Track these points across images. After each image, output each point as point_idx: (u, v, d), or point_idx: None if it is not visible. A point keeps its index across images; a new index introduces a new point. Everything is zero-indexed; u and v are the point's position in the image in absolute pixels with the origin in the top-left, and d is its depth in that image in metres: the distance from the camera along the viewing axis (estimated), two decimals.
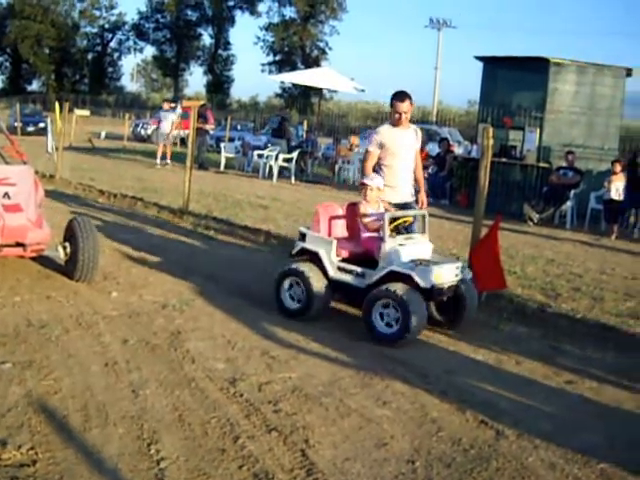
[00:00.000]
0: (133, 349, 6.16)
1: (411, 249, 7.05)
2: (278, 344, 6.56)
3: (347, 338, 6.87)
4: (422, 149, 8.79)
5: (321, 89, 28.47)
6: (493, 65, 17.38)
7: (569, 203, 15.20)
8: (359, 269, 7.07)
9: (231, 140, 28.84)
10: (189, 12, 71.68)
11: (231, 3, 67.74)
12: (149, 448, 4.44)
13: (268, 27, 61.66)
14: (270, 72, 57.79)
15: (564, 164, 15.74)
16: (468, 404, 5.44)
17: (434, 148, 19.39)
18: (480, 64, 17.71)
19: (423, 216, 7.55)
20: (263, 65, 62.73)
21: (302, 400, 5.32)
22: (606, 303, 8.41)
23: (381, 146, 7.71)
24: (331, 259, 7.26)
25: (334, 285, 7.26)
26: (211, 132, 26.46)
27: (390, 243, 6.95)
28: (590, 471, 4.58)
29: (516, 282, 9.00)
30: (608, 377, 6.32)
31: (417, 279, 6.64)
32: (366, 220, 7.34)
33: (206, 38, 73.36)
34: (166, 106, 24.68)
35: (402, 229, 7.29)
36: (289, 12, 61.08)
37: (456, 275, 7.03)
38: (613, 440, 5.05)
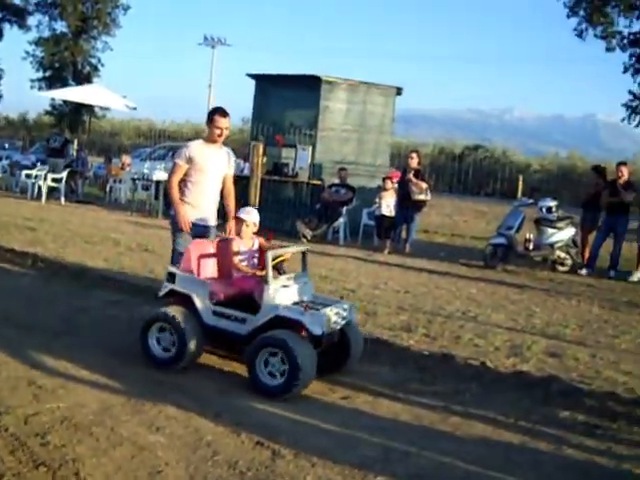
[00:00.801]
0: None
1: (294, 290, 6.43)
2: (45, 372, 6.15)
3: (118, 362, 6.52)
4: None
5: (92, 106, 27.40)
6: (265, 83, 17.44)
7: (342, 219, 15.42)
8: (239, 314, 6.33)
9: None
10: None
11: None
12: None
13: (38, 42, 58.92)
14: (40, 88, 55.14)
15: (336, 181, 15.93)
16: (243, 425, 5.31)
17: None
18: (253, 82, 17.65)
19: (303, 252, 6.97)
20: (32, 81, 59.75)
21: (71, 431, 4.97)
22: (379, 317, 8.49)
23: (190, 161, 7.33)
24: (205, 303, 6.47)
25: (209, 332, 6.46)
26: None
27: (274, 285, 6.27)
28: None
29: None
30: (384, 390, 6.36)
31: (308, 326, 6.01)
32: (239, 259, 6.71)
33: None
34: None
35: (281, 268, 6.64)
36: (60, 27, 58.57)
37: (344, 318, 6.44)
38: (389, 453, 5.08)
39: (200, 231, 7.38)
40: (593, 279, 12.98)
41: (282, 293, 6.28)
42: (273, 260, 6.33)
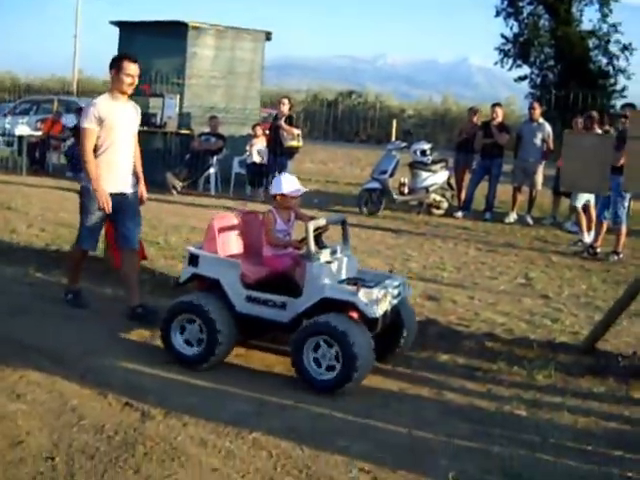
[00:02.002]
0: None
1: (339, 266, 5.66)
2: None
3: None
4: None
5: None
6: (129, 30, 16.72)
7: (212, 169, 15.10)
8: (278, 298, 5.50)
9: None
10: None
11: None
12: None
13: None
14: None
15: (206, 130, 15.43)
16: (110, 387, 5.08)
17: (72, 119, 18.23)
18: (117, 30, 16.93)
19: (343, 221, 6.19)
20: None
21: None
22: None
23: (99, 122, 6.38)
24: (237, 288, 5.62)
25: (243, 321, 5.63)
26: None
27: (317, 261, 5.46)
28: (242, 442, 4.39)
29: (159, 253, 8.67)
30: (257, 342, 6.14)
31: (363, 308, 5.20)
32: (276, 234, 5.86)
33: None
34: None
35: (321, 241, 5.78)
36: None
37: (398, 295, 5.69)
38: (264, 406, 4.94)
39: (117, 201, 6.53)
40: (469, 222, 13.12)
41: (327, 271, 5.48)
42: (314, 232, 5.57)
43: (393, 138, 20.40)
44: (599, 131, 11.58)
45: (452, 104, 39.88)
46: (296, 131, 14.51)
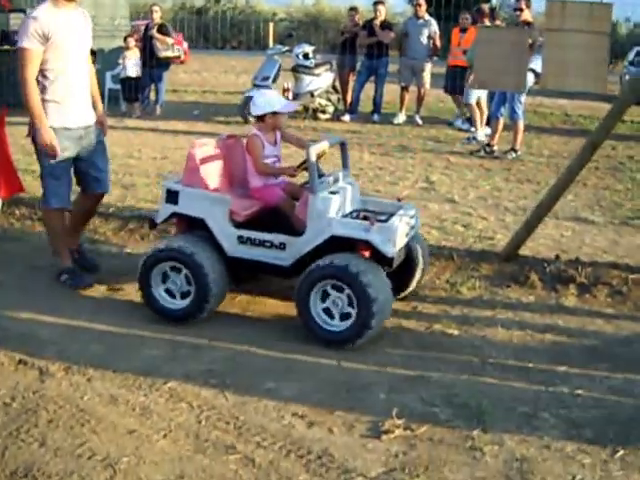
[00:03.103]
0: None
1: (344, 197, 4.82)
2: None
3: None
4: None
5: None
6: None
7: None
8: (277, 237, 4.68)
9: None
10: None
11: None
12: None
13: None
14: None
15: None
16: (1, 343, 4.37)
17: None
18: None
19: (342, 143, 5.31)
20: None
21: None
22: (139, 190, 7.71)
23: (44, 39, 4.95)
24: (226, 227, 4.77)
25: (236, 266, 4.81)
26: None
27: (323, 193, 4.65)
28: (158, 395, 3.88)
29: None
30: None
31: (379, 246, 4.44)
32: (266, 161, 5.00)
33: None
34: None
35: (319, 169, 4.84)
36: None
37: (412, 227, 4.94)
38: (175, 350, 4.43)
39: (80, 136, 5.25)
40: (357, 125, 12.65)
41: (333, 204, 4.65)
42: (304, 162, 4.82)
43: (271, 43, 19.53)
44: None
45: (325, 5, 39.04)
46: (170, 40, 13.53)
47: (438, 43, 12.91)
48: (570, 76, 5.55)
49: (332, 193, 4.69)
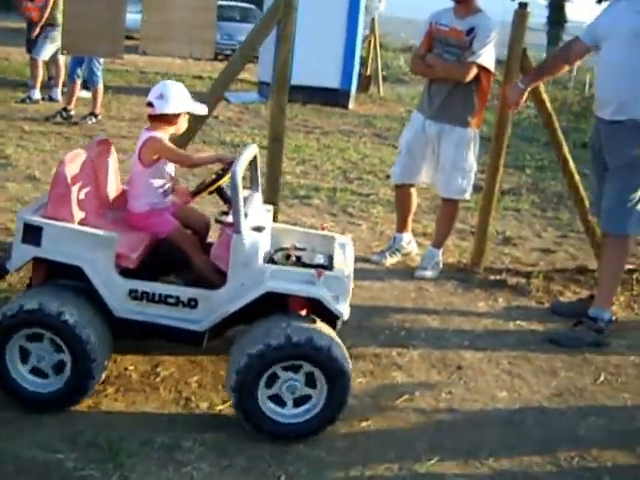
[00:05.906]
0: None
1: (266, 231, 3.55)
2: None
3: None
4: None
5: None
6: None
7: None
8: (186, 292, 3.35)
9: None
10: None
11: None
12: None
13: None
14: None
15: None
16: None
17: None
18: None
19: (254, 156, 3.74)
20: None
21: None
22: None
23: None
24: (112, 278, 3.32)
25: (125, 329, 3.41)
26: None
27: (248, 231, 3.34)
28: None
29: None
30: None
31: (330, 304, 3.26)
32: (156, 180, 3.72)
33: None
34: None
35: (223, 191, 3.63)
36: None
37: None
38: None
39: None
40: None
41: (261, 245, 3.38)
42: (215, 182, 3.61)
43: None
44: None
45: None
46: None
47: None
48: (174, 40, 4.99)
49: (256, 230, 3.44)
